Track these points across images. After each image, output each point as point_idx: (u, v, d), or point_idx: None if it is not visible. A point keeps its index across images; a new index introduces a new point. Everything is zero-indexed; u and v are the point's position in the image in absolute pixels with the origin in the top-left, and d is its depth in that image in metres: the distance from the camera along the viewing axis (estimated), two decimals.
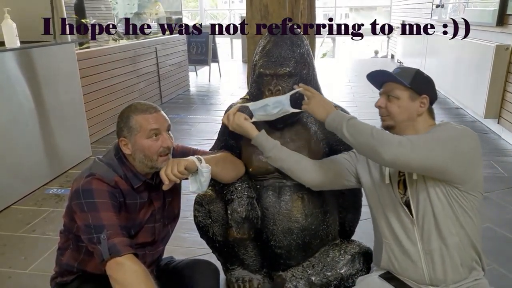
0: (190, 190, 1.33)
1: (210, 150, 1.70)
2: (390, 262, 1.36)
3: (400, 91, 1.32)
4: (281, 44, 1.54)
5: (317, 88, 1.65)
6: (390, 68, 1.45)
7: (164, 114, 1.30)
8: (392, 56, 9.69)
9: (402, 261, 1.32)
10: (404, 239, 1.31)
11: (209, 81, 7.35)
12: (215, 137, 1.80)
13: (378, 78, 1.40)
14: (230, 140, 1.73)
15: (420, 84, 1.32)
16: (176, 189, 1.45)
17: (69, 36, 3.45)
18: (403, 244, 1.31)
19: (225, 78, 7.62)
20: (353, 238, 1.81)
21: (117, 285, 1.09)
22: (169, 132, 1.31)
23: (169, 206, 1.44)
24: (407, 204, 1.30)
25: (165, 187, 1.24)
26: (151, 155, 1.25)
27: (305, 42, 1.61)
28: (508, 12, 3.81)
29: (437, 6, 6.10)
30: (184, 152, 1.46)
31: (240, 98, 1.76)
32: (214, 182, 1.66)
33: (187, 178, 1.32)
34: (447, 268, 1.25)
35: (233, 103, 1.75)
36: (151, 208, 1.35)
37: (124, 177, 1.26)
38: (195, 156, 1.33)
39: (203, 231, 1.72)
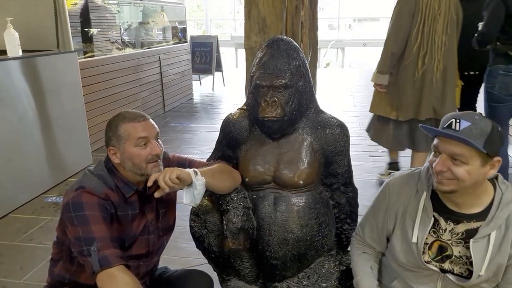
0: (184, 202, 1.34)
1: (207, 159, 1.70)
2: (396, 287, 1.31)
3: (472, 155, 1.06)
4: (277, 56, 1.56)
5: (312, 99, 1.67)
6: None
7: (153, 122, 1.31)
8: None
9: None
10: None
11: (213, 90, 7.40)
12: None
13: (439, 133, 1.11)
14: (227, 150, 1.74)
15: (494, 145, 1.07)
16: (171, 200, 1.45)
17: (72, 45, 3.50)
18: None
19: (229, 88, 7.66)
20: (349, 249, 1.80)
21: None
22: (158, 139, 1.31)
23: (164, 217, 1.44)
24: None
25: (157, 194, 1.24)
26: (140, 163, 1.25)
27: (301, 54, 1.62)
28: None
29: None
30: (180, 163, 1.47)
31: (238, 109, 1.77)
32: (210, 193, 1.66)
33: (181, 189, 1.33)
34: None
35: (230, 114, 1.77)
36: (144, 220, 1.35)
37: (115, 188, 1.26)
38: (192, 169, 1.32)
39: (199, 242, 1.72)
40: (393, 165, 3.10)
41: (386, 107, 2.74)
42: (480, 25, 2.47)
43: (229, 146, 1.73)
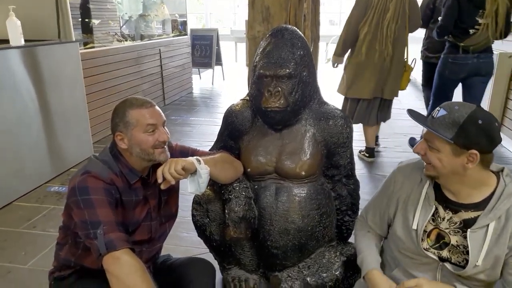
0: (188, 191, 1.34)
1: (209, 150, 1.71)
2: (395, 276, 1.31)
3: (441, 143, 1.09)
4: (282, 45, 1.55)
5: (316, 90, 1.67)
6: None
7: (159, 109, 1.32)
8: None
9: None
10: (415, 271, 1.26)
11: (212, 84, 7.38)
12: None
13: (416, 120, 1.17)
14: (229, 141, 1.74)
15: (468, 138, 1.05)
16: (173, 188, 1.46)
17: (73, 35, 3.48)
18: (419, 277, 1.24)
19: (229, 81, 7.65)
20: (349, 240, 1.81)
21: (114, 279, 1.10)
22: (165, 127, 1.32)
23: (166, 204, 1.45)
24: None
25: (163, 186, 1.25)
26: (147, 149, 1.26)
27: (305, 44, 1.62)
28: None
29: None
30: (183, 152, 1.48)
31: (240, 99, 1.77)
32: (212, 182, 1.67)
33: (185, 178, 1.34)
34: None
35: (233, 104, 1.77)
36: (147, 206, 1.36)
37: (120, 173, 1.27)
38: (195, 157, 1.33)
39: (201, 230, 1.73)
40: (372, 151, 3.46)
41: (353, 87, 3.12)
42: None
43: (231, 137, 1.74)
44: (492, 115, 1.11)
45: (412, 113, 1.20)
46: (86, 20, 4.36)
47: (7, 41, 2.85)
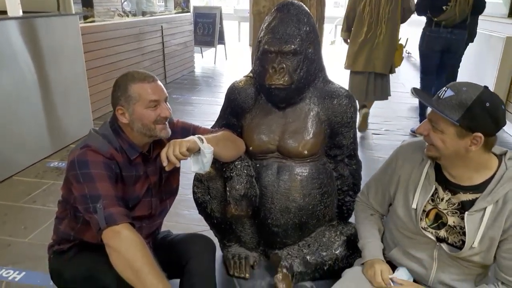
0: (192, 170, 1.33)
1: (211, 128, 1.68)
2: (394, 256, 1.32)
3: (446, 125, 1.07)
4: (287, 21, 1.51)
5: (321, 68, 1.64)
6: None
7: (161, 84, 1.29)
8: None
9: (409, 262, 1.29)
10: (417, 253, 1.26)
11: (215, 63, 7.29)
12: None
13: (422, 99, 1.17)
14: (232, 118, 1.72)
15: (474, 120, 1.04)
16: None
17: (73, 7, 3.41)
18: (417, 256, 1.26)
19: (231, 61, 7.55)
20: (350, 220, 1.81)
21: (114, 252, 1.10)
22: (167, 103, 1.30)
23: (167, 181, 1.44)
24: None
25: (167, 167, 1.23)
26: (149, 124, 1.24)
27: (312, 20, 1.58)
28: None
29: None
30: (184, 128, 1.45)
31: (244, 76, 1.74)
32: (214, 160, 1.65)
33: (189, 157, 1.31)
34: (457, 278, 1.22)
35: (236, 81, 1.73)
36: (147, 182, 1.34)
37: (120, 149, 1.25)
38: (197, 136, 1.31)
39: (202, 207, 1.73)
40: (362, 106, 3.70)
41: (352, 61, 3.47)
42: None
43: (233, 114, 1.71)
44: (498, 97, 1.09)
45: (417, 91, 1.18)
46: None
47: (5, 12, 2.79)
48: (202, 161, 1.29)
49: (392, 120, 4.17)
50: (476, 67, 4.50)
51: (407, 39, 3.51)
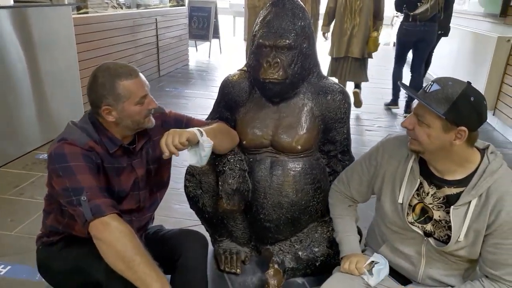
0: (189, 163, 1.30)
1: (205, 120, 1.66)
2: (383, 253, 1.33)
3: (432, 118, 1.08)
4: (282, 15, 1.50)
5: (315, 63, 1.63)
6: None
7: (142, 75, 1.25)
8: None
9: (398, 259, 1.30)
10: (405, 249, 1.27)
11: (209, 57, 7.25)
12: None
13: (408, 92, 1.18)
14: (225, 112, 1.71)
15: (459, 114, 1.06)
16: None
17: None
18: (405, 252, 1.27)
19: (226, 55, 7.51)
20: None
21: (103, 245, 1.08)
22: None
23: (157, 173, 1.41)
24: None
25: (165, 157, 1.21)
26: (140, 119, 1.22)
27: (307, 15, 1.57)
28: None
29: None
30: (177, 119, 1.43)
31: (238, 70, 1.73)
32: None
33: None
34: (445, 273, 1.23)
35: (230, 74, 1.72)
36: (133, 175, 1.31)
37: (99, 141, 1.22)
38: (196, 128, 1.29)
39: (193, 202, 1.72)
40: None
41: (332, 48, 4.12)
42: None
43: (227, 108, 1.70)
44: (481, 93, 1.10)
45: (404, 85, 1.21)
46: None
47: None
48: (200, 155, 1.27)
49: (385, 117, 4.19)
50: (469, 66, 4.54)
51: (380, 27, 4.15)
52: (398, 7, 3.94)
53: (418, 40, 3.92)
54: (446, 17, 4.10)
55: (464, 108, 1.05)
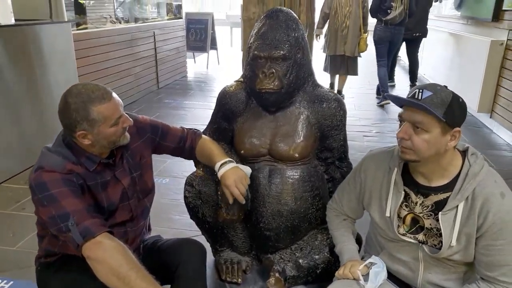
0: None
1: (203, 131, 1.68)
2: (383, 259, 1.33)
3: (432, 123, 1.08)
4: (276, 27, 1.53)
5: (310, 72, 1.66)
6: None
7: (116, 95, 1.23)
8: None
9: (397, 265, 1.30)
10: (403, 256, 1.28)
11: (207, 68, 7.31)
12: None
13: (402, 101, 1.14)
14: (223, 122, 1.73)
15: (454, 116, 1.08)
16: (145, 163, 1.42)
17: (65, 15, 3.41)
18: (403, 259, 1.28)
19: (223, 66, 7.58)
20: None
21: (97, 264, 1.07)
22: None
23: (140, 180, 1.39)
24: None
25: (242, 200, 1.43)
26: (116, 139, 1.22)
27: (300, 26, 1.60)
28: (504, 8, 3.82)
29: (435, 1, 6.09)
30: (153, 126, 1.44)
31: (235, 81, 1.76)
32: (205, 164, 1.67)
33: None
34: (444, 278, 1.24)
35: (227, 86, 1.75)
36: (119, 186, 1.30)
37: (77, 162, 1.20)
38: (242, 165, 1.47)
39: (193, 212, 1.73)
40: (331, 86, 5.19)
41: (327, 48, 4.91)
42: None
43: (225, 118, 1.73)
44: None
45: (392, 97, 1.16)
46: (79, 0, 4.27)
47: None
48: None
49: (382, 123, 4.21)
50: (463, 70, 4.58)
51: (368, 32, 4.91)
52: (374, 14, 4.76)
53: (390, 40, 4.81)
54: (422, 22, 5.13)
55: (456, 110, 1.09)
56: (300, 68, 1.57)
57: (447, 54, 5.19)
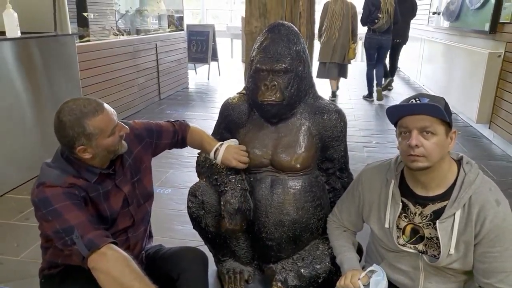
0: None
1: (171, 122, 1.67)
2: (383, 268, 1.34)
3: (437, 125, 1.12)
4: (278, 41, 1.57)
5: (311, 84, 1.69)
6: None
7: (108, 105, 1.26)
8: None
9: (397, 275, 1.32)
10: (403, 266, 1.30)
11: (208, 79, 7.38)
12: None
13: (405, 110, 1.15)
14: (226, 134, 1.77)
15: (450, 117, 1.15)
16: (145, 167, 1.44)
17: (70, 28, 3.47)
18: (403, 269, 1.30)
19: (224, 77, 7.64)
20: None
21: (101, 274, 1.09)
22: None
23: (140, 185, 1.42)
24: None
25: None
26: (114, 147, 1.25)
27: (301, 40, 1.64)
28: (501, 21, 3.89)
29: (434, 13, 6.16)
30: (147, 129, 1.47)
31: (237, 93, 1.79)
32: (208, 174, 1.69)
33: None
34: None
35: (229, 98, 1.79)
36: (121, 194, 1.33)
37: (78, 175, 1.23)
38: (228, 141, 1.53)
39: (196, 222, 1.75)
40: (334, 93, 5.83)
41: (320, 56, 5.62)
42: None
43: (227, 130, 1.76)
44: None
45: (394, 107, 1.18)
46: (82, 13, 4.34)
47: (3, 33, 2.84)
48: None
49: (382, 133, 4.24)
50: (462, 82, 4.62)
51: (357, 44, 5.74)
52: (364, 23, 5.42)
53: (378, 46, 5.47)
54: (404, 30, 5.92)
55: (449, 112, 1.16)
56: (302, 80, 1.61)
57: (446, 66, 5.26)
